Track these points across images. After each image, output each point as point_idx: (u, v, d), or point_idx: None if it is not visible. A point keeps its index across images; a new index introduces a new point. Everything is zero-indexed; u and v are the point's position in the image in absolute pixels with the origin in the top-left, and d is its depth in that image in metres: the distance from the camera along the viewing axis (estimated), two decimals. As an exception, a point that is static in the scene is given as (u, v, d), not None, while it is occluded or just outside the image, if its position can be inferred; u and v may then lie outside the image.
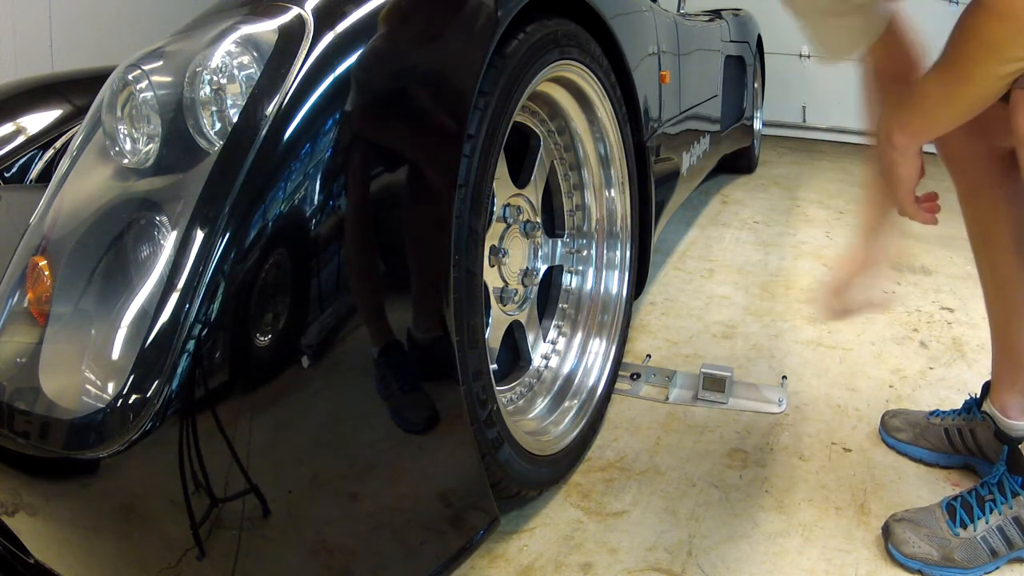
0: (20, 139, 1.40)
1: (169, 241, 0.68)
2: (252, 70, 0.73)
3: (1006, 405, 1.18)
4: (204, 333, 0.66)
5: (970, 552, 1.05)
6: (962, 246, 2.64)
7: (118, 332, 0.67)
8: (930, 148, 0.99)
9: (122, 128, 0.77)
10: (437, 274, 0.85)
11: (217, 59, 0.73)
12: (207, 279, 0.66)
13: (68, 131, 1.42)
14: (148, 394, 0.65)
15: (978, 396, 1.28)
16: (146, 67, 0.76)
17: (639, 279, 1.53)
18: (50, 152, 1.39)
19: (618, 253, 1.46)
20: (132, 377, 0.65)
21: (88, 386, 0.67)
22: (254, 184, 0.69)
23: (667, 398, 1.52)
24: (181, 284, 0.66)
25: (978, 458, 1.26)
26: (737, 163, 3.52)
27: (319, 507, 0.77)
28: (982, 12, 0.78)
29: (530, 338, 1.32)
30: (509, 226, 1.23)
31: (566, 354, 1.38)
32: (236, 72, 0.73)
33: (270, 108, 0.71)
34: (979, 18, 0.79)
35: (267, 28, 0.75)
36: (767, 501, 1.22)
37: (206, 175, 0.70)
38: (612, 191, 1.42)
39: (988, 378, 1.23)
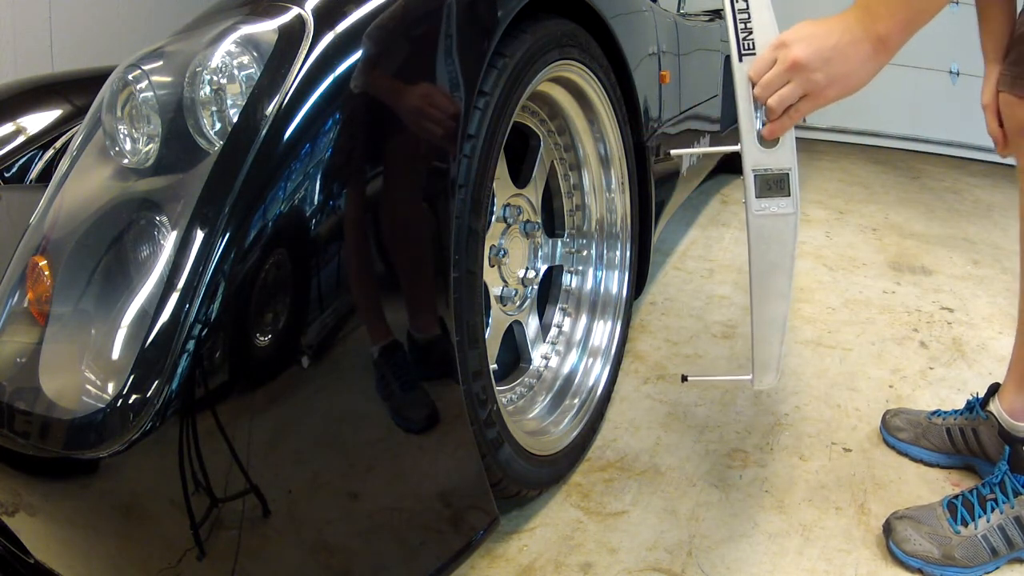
0: (20, 139, 1.40)
1: (169, 241, 0.68)
2: (252, 70, 0.73)
3: (1015, 408, 1.17)
4: (204, 333, 0.66)
5: (970, 551, 1.05)
6: (962, 246, 2.65)
7: (118, 332, 0.67)
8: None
9: (122, 128, 0.77)
10: (437, 274, 0.85)
11: (217, 59, 0.73)
12: (207, 279, 0.66)
13: (68, 131, 1.42)
14: (148, 394, 0.65)
15: (981, 396, 1.28)
16: (146, 67, 0.76)
17: (639, 279, 1.53)
18: (50, 152, 1.39)
19: (618, 253, 1.45)
20: (132, 377, 0.65)
21: (88, 386, 0.67)
22: (254, 184, 0.69)
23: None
24: (181, 284, 0.66)
25: (979, 458, 1.26)
26: (737, 163, 3.51)
27: (319, 507, 0.77)
28: None
29: (530, 338, 1.32)
30: (509, 226, 1.23)
31: (566, 354, 1.38)
32: (236, 72, 0.73)
33: (270, 108, 0.71)
34: None
35: (267, 28, 0.75)
36: (767, 501, 1.21)
37: (206, 175, 0.70)
38: (612, 191, 1.42)
39: (989, 378, 1.23)
